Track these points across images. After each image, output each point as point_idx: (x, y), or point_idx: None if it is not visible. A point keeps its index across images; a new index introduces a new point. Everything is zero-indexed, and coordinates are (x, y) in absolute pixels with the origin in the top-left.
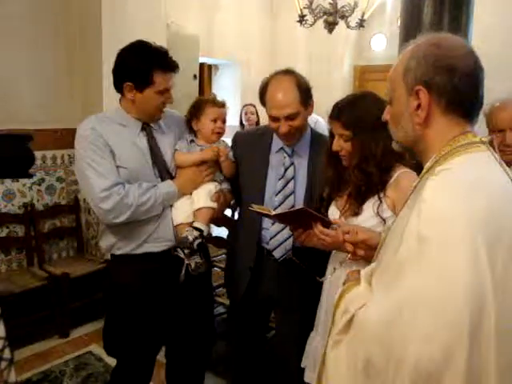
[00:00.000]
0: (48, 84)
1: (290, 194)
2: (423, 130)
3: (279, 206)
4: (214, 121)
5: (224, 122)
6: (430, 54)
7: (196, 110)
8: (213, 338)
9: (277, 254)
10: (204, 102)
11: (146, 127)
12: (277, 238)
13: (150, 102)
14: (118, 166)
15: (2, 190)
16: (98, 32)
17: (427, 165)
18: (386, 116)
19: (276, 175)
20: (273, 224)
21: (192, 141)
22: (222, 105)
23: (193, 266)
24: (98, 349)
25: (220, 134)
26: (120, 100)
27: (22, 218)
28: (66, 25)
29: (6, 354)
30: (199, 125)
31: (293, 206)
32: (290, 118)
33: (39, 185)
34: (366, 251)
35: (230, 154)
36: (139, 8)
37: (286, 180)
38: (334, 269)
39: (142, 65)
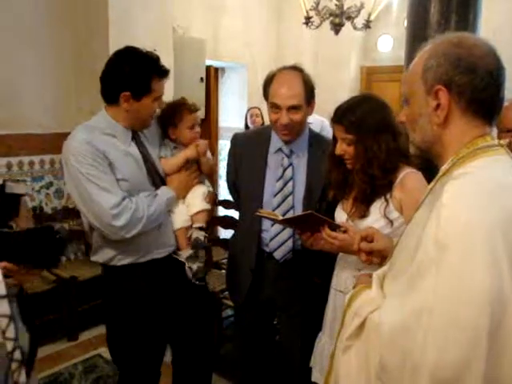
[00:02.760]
0: (55, 89)
1: (289, 195)
2: (442, 131)
3: (278, 206)
4: (191, 127)
5: (199, 126)
6: (450, 52)
7: (172, 118)
8: (219, 340)
9: (277, 255)
10: (180, 110)
11: (135, 136)
12: (277, 239)
13: (145, 109)
14: (118, 180)
15: None
16: (104, 36)
17: (444, 167)
18: (401, 117)
19: (274, 176)
20: (272, 225)
21: (175, 147)
22: (196, 109)
23: (194, 269)
24: (106, 352)
25: (196, 139)
26: (106, 108)
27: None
28: (73, 29)
29: (17, 355)
30: (176, 133)
31: (292, 207)
32: (292, 108)
33: (48, 188)
34: (381, 259)
35: (209, 153)
36: (145, 12)
37: (284, 181)
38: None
39: (141, 73)
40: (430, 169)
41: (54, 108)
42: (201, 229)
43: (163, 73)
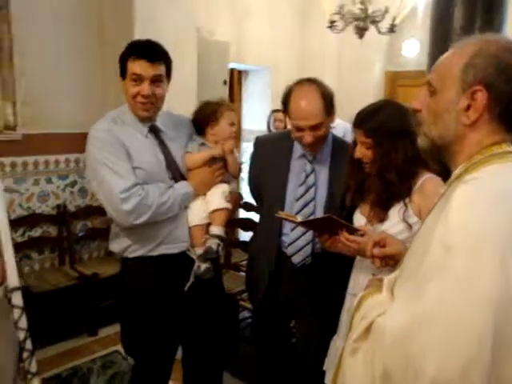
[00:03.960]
0: (81, 89)
1: (311, 201)
2: (466, 132)
3: (299, 211)
4: (231, 124)
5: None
6: (501, 57)
7: (212, 114)
8: (235, 340)
9: (295, 259)
10: (221, 106)
11: (153, 129)
12: (296, 243)
13: (126, 92)
14: (135, 168)
15: (37, 192)
16: (129, 36)
17: (456, 172)
18: (416, 105)
19: (297, 181)
20: (292, 230)
21: (203, 144)
22: (233, 109)
23: (202, 269)
24: None
25: (234, 136)
26: None
27: (55, 218)
28: (99, 29)
29: (28, 345)
30: (216, 129)
31: (313, 213)
32: (314, 128)
33: (72, 187)
34: (395, 264)
35: (238, 155)
36: (170, 15)
37: (306, 186)
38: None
39: (122, 55)
40: (447, 174)
41: (79, 108)
42: (217, 236)
43: (136, 53)
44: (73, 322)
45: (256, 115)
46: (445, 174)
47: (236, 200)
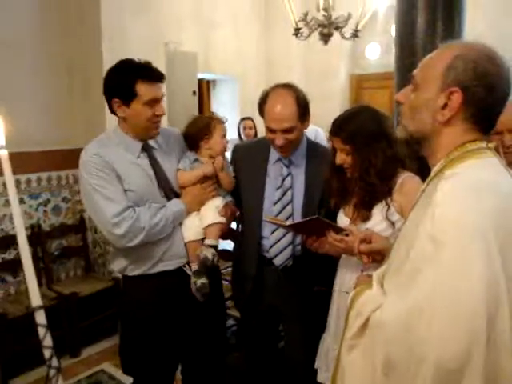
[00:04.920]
0: (50, 106)
1: (288, 203)
2: (441, 129)
3: (278, 214)
4: (223, 136)
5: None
6: (481, 63)
7: (206, 128)
8: (225, 350)
9: (277, 261)
10: (213, 120)
11: (146, 147)
12: (277, 245)
13: (140, 115)
14: (125, 190)
15: (8, 213)
16: (98, 53)
17: (435, 169)
18: (400, 97)
19: (274, 185)
20: (272, 233)
21: (196, 159)
22: (224, 121)
23: (198, 285)
24: (110, 367)
25: (226, 148)
26: (118, 121)
27: (29, 239)
28: (67, 46)
29: (54, 362)
30: (211, 142)
31: (291, 215)
32: (286, 131)
33: (45, 205)
34: (381, 259)
35: (230, 168)
36: (138, 29)
37: (283, 189)
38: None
39: (124, 78)
40: (423, 171)
41: (49, 126)
42: (212, 246)
43: (150, 76)
44: (54, 344)
45: (226, 124)
46: (421, 171)
47: (232, 212)
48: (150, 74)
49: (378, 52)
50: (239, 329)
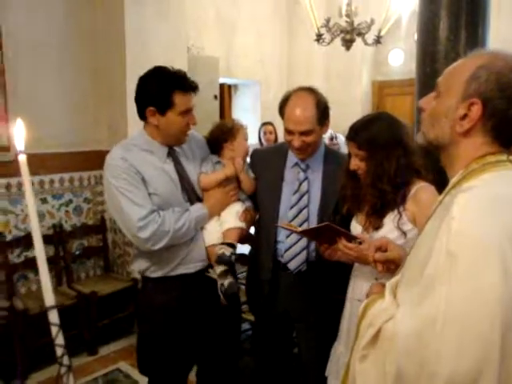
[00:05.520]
0: (75, 109)
1: (304, 208)
2: (459, 140)
3: (293, 219)
4: (245, 140)
5: None
6: (503, 75)
7: (230, 132)
8: (238, 353)
9: (291, 266)
10: (236, 124)
11: (171, 152)
12: (291, 250)
13: (173, 124)
14: (150, 194)
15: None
16: (122, 57)
17: (453, 180)
18: (422, 104)
19: (291, 190)
20: (287, 237)
21: (218, 162)
22: (246, 126)
23: (226, 285)
24: (125, 366)
25: (248, 150)
26: (144, 126)
27: (51, 238)
28: (92, 50)
29: (65, 360)
30: (235, 144)
31: (307, 220)
32: (304, 133)
33: (67, 206)
34: (395, 268)
35: (250, 171)
36: (161, 33)
37: (300, 194)
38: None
39: (162, 88)
40: (442, 183)
41: (73, 128)
42: (229, 245)
43: (186, 87)
44: (72, 342)
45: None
46: (438, 182)
47: (251, 218)
48: (187, 85)
49: (402, 58)
50: (254, 333)
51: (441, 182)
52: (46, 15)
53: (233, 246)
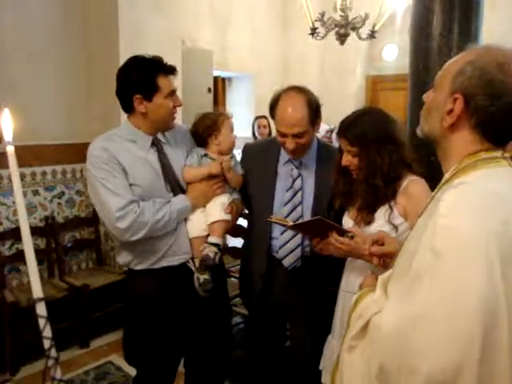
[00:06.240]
0: (68, 101)
1: (298, 204)
2: (448, 134)
3: (288, 215)
4: (231, 131)
5: None
6: (487, 70)
7: (214, 124)
8: (230, 346)
9: (286, 262)
10: (221, 115)
11: (156, 142)
12: (286, 247)
13: (161, 108)
14: (131, 184)
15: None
16: (115, 50)
17: (446, 176)
18: (424, 98)
19: (284, 186)
20: (282, 234)
21: (205, 155)
22: (231, 116)
23: (201, 280)
24: (117, 359)
25: (235, 142)
26: (128, 117)
27: (43, 230)
28: (85, 42)
29: (53, 353)
30: (220, 137)
31: (301, 216)
32: (297, 135)
33: (59, 198)
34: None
35: (238, 167)
36: (154, 26)
37: (294, 191)
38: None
39: (145, 74)
40: (432, 177)
41: (65, 120)
42: (215, 245)
43: (167, 69)
44: (64, 335)
45: (240, 122)
46: (428, 176)
47: (238, 210)
48: (167, 67)
49: (396, 53)
50: (246, 326)
51: (430, 175)
52: (39, 5)
53: (216, 245)
